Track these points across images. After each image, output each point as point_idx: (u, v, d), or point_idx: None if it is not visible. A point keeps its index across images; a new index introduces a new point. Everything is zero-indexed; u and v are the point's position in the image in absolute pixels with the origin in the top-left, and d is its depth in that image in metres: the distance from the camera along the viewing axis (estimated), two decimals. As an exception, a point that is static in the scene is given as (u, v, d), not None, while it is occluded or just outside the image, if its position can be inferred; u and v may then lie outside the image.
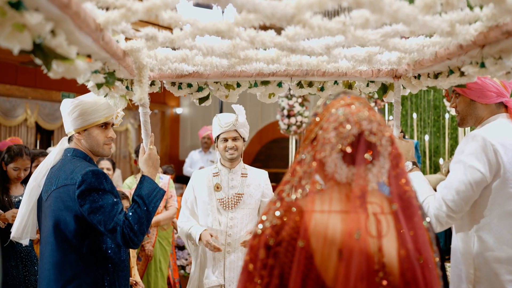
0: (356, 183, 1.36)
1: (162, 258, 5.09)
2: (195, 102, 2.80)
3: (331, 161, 1.39)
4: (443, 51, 2.09)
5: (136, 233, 2.34)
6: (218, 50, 1.98)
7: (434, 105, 8.33)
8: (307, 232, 1.34)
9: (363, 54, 2.21)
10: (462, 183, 2.23)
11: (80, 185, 2.31)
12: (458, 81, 2.20)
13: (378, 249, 1.33)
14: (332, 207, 1.38)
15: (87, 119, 2.53)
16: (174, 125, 14.40)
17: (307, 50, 1.93)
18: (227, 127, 3.36)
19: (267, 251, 1.37)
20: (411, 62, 2.39)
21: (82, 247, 2.35)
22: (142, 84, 2.11)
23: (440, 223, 2.30)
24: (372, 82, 2.77)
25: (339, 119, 1.39)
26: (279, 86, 2.74)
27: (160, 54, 2.27)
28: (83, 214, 2.31)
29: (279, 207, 1.40)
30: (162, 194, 2.50)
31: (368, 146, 1.37)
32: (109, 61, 2.04)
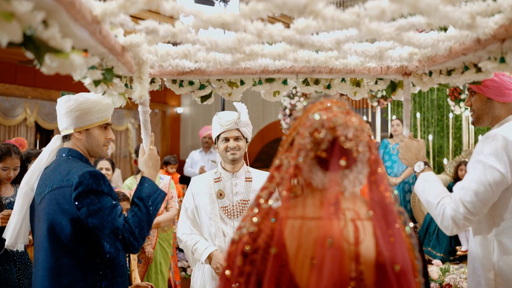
0: (331, 189, 1.34)
1: (162, 260, 4.99)
2: (197, 100, 2.70)
3: (307, 167, 1.38)
4: (458, 46, 1.99)
5: (137, 238, 2.23)
6: (223, 44, 1.87)
7: (438, 104, 8.25)
8: (282, 239, 1.33)
9: (374, 49, 2.10)
10: (481, 184, 2.13)
11: (77, 187, 2.20)
12: (474, 77, 2.10)
13: (355, 256, 1.31)
14: (306, 214, 1.37)
15: (91, 118, 2.42)
16: (174, 124, 14.33)
17: (317, 44, 1.82)
18: (228, 126, 3.07)
19: (244, 259, 1.35)
20: (423, 58, 2.29)
21: (78, 252, 2.24)
22: (142, 81, 2.00)
23: (456, 225, 2.19)
24: (381, 80, 2.67)
25: (314, 125, 1.38)
26: (284, 84, 2.64)
27: (161, 49, 2.16)
28: (80, 218, 2.20)
29: (256, 214, 1.39)
30: (163, 196, 2.40)
31: (343, 152, 1.35)
32: (107, 57, 1.94)
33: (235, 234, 1.41)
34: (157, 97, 13.54)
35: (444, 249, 6.35)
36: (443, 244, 6.40)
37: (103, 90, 2.19)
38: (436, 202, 2.28)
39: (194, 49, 2.15)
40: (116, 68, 2.09)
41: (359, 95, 2.69)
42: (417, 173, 2.49)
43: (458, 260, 6.34)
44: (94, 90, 2.17)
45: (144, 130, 2.50)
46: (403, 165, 7.22)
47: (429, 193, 2.33)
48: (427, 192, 2.35)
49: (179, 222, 3.20)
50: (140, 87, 1.99)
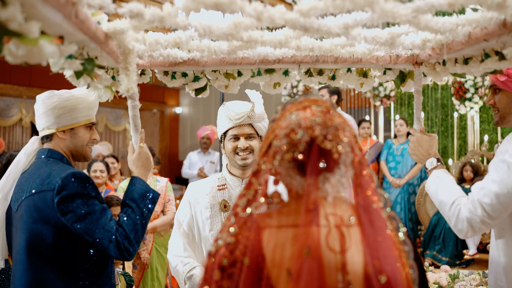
0: (310, 194, 1.24)
1: (159, 266, 4.79)
2: (191, 93, 2.49)
3: (284, 170, 1.29)
4: (479, 31, 1.78)
5: (132, 242, 2.04)
6: (217, 30, 1.67)
7: (442, 103, 8.07)
8: (260, 250, 1.24)
9: (385, 35, 1.90)
10: (504, 186, 1.93)
11: (60, 190, 2.00)
12: (495, 66, 1.90)
13: (341, 265, 1.22)
14: (284, 222, 1.27)
15: (76, 116, 2.23)
16: (173, 125, 14.21)
17: (323, 29, 1.62)
18: (238, 120, 2.46)
19: (222, 272, 1.25)
20: (437, 45, 2.08)
21: (61, 264, 2.03)
22: (129, 72, 1.80)
23: (472, 228, 2.00)
24: (389, 70, 2.46)
25: (290, 125, 1.29)
26: (286, 75, 2.43)
27: (150, 37, 1.95)
28: (65, 224, 1.99)
29: (234, 224, 1.29)
30: (156, 197, 2.20)
31: (322, 154, 1.25)
32: (88, 45, 1.74)
33: (212, 246, 1.30)
34: (156, 97, 13.42)
35: (450, 253, 6.18)
36: (449, 248, 6.23)
37: (87, 83, 2.00)
38: (450, 202, 2.09)
39: (186, 36, 1.95)
40: (100, 58, 1.89)
41: (366, 86, 2.49)
42: (428, 170, 2.30)
43: (464, 264, 6.16)
44: (76, 83, 1.98)
45: (133, 127, 2.31)
46: (407, 166, 7.06)
47: (442, 192, 2.14)
48: (441, 191, 2.15)
49: (171, 240, 2.60)
50: (126, 79, 1.79)
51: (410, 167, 7.06)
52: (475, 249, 6.10)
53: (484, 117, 7.65)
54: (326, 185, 1.27)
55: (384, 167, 7.28)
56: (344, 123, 1.32)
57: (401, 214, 7.06)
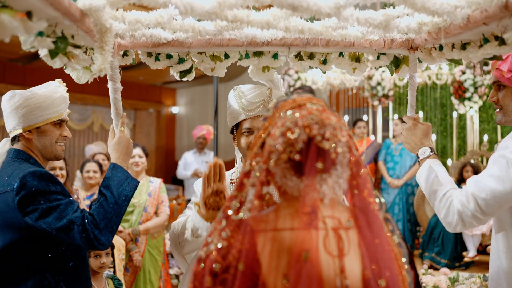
0: (307, 196, 1.19)
1: (152, 269, 4.66)
2: (175, 76, 2.38)
3: (279, 171, 1.24)
4: (478, 14, 1.68)
5: (102, 231, 1.95)
6: (199, 8, 1.56)
7: (441, 103, 7.98)
8: (255, 255, 1.18)
9: (379, 17, 1.79)
10: (501, 181, 1.84)
11: (19, 190, 1.93)
12: (495, 51, 1.80)
13: (340, 270, 1.17)
14: (280, 225, 1.20)
15: (41, 114, 2.14)
16: (170, 124, 14.13)
17: (313, 8, 1.52)
18: (253, 112, 2.14)
19: (214, 279, 1.18)
20: (433, 29, 1.98)
21: (28, 266, 1.98)
22: (104, 51, 1.68)
23: (462, 222, 1.92)
24: (383, 55, 2.36)
25: (286, 124, 1.23)
26: (275, 58, 2.31)
27: (129, 16, 1.84)
28: (29, 224, 1.92)
29: (225, 227, 1.22)
30: (134, 185, 2.11)
31: (320, 154, 1.21)
32: (61, 23, 1.62)
33: (201, 251, 1.23)
34: (152, 97, 13.33)
35: (449, 256, 6.11)
36: (448, 250, 6.15)
37: (63, 63, 1.88)
38: (441, 193, 2.01)
39: (169, 15, 1.83)
40: (76, 37, 1.78)
41: (358, 72, 2.38)
42: (420, 159, 2.21)
43: (464, 266, 6.10)
44: (51, 63, 1.85)
45: (114, 110, 2.21)
46: (405, 166, 6.99)
47: (434, 182, 2.05)
48: (432, 181, 2.07)
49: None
50: (101, 58, 1.67)
51: (409, 168, 7.00)
52: (475, 251, 6.03)
53: (483, 116, 7.55)
54: (323, 186, 1.22)
55: (382, 168, 7.20)
56: (340, 122, 1.27)
57: (399, 215, 7.01)
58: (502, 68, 1.97)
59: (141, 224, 4.58)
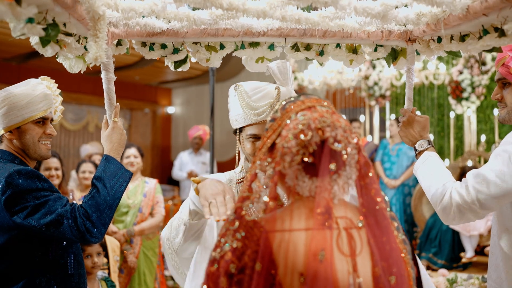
0: (320, 196, 1.23)
1: (147, 270, 4.63)
2: (170, 66, 2.34)
3: (292, 173, 1.26)
4: (478, 5, 1.66)
5: (95, 223, 1.92)
6: (194, -5, 1.53)
7: (438, 103, 7.96)
8: (271, 255, 1.20)
9: (378, 7, 1.76)
10: (501, 176, 1.81)
11: (4, 190, 1.89)
12: (494, 43, 1.77)
13: (353, 268, 1.21)
14: (294, 225, 1.24)
15: (20, 114, 2.08)
16: (165, 124, 14.08)
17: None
18: (259, 116, 1.98)
19: (229, 279, 1.20)
20: (432, 21, 1.95)
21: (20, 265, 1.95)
22: (98, 39, 1.65)
23: (459, 214, 1.90)
24: (381, 47, 2.33)
25: (299, 126, 1.26)
26: (271, 49, 2.28)
27: (122, 3, 1.80)
28: (18, 223, 1.89)
29: (239, 228, 1.24)
30: (127, 176, 2.08)
31: (332, 156, 1.24)
32: (52, 9, 1.58)
33: (214, 252, 1.24)
34: (148, 97, 13.30)
35: (446, 256, 6.07)
36: (445, 250, 6.11)
37: (55, 52, 1.84)
38: (439, 184, 1.98)
39: (163, 3, 1.80)
40: (68, 25, 1.74)
41: (355, 63, 2.35)
42: (418, 152, 2.19)
43: (461, 267, 6.06)
44: (43, 51, 1.82)
45: (107, 100, 2.18)
46: (402, 166, 6.96)
47: (432, 173, 2.03)
48: (429, 172, 2.05)
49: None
50: (95, 46, 1.64)
51: (406, 168, 6.97)
52: (472, 252, 5.99)
53: (481, 117, 7.53)
54: (334, 187, 1.25)
55: (379, 168, 7.18)
56: (349, 124, 1.30)
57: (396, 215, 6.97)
58: (510, 64, 1.95)
59: (136, 225, 4.55)
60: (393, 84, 8.24)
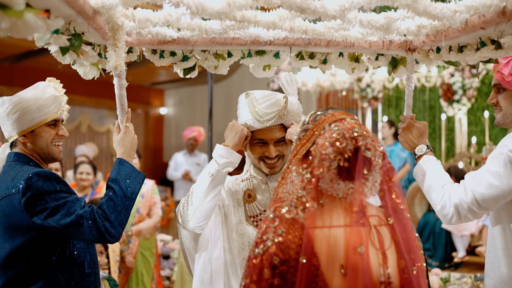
0: (355, 197, 1.39)
1: (144, 270, 4.68)
2: (179, 73, 2.43)
3: (328, 176, 1.40)
4: (476, 19, 1.76)
5: (113, 223, 1.99)
6: (210, 9, 1.62)
7: (430, 105, 8.07)
8: (312, 249, 1.34)
9: (381, 20, 1.86)
10: (498, 177, 1.93)
11: (25, 192, 1.95)
12: (491, 55, 1.88)
13: (383, 260, 1.38)
14: (333, 222, 1.39)
15: (33, 118, 2.13)
16: (158, 125, 14.11)
17: (319, 11, 1.58)
18: (268, 122, 2.11)
19: (273, 271, 1.34)
20: (432, 32, 2.06)
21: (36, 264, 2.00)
22: (118, 49, 1.74)
23: (458, 215, 2.00)
24: (382, 55, 2.43)
25: (334, 135, 1.41)
26: (276, 57, 2.38)
27: (139, 14, 1.88)
28: (37, 224, 1.95)
29: (279, 225, 1.39)
30: (141, 178, 2.16)
31: (364, 162, 1.39)
32: (75, 20, 1.67)
33: (257, 249, 1.38)
34: (140, 97, 13.33)
35: (440, 258, 6.14)
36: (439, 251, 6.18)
37: (72, 59, 1.93)
38: (438, 186, 2.09)
39: (178, 14, 1.88)
40: (87, 34, 1.82)
41: (357, 72, 2.46)
42: (417, 156, 2.29)
43: (453, 267, 6.15)
44: (61, 59, 1.90)
45: (119, 106, 2.24)
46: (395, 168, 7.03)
47: (431, 176, 2.14)
48: (429, 175, 2.16)
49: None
50: (115, 55, 1.73)
51: (398, 169, 7.05)
52: (464, 252, 6.09)
53: (471, 119, 7.66)
54: (365, 189, 1.41)
55: None
56: (374, 135, 1.47)
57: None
58: (504, 71, 2.05)
59: (134, 225, 4.60)
60: (386, 87, 8.35)
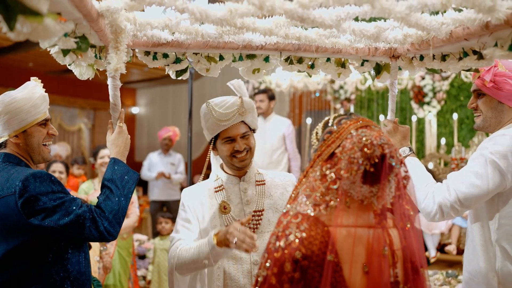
0: (380, 201, 1.46)
1: (121, 270, 4.69)
2: (171, 74, 2.48)
3: (354, 179, 1.44)
4: (461, 31, 1.88)
5: (112, 223, 2.03)
6: (213, 15, 1.68)
7: (401, 107, 8.23)
8: (335, 246, 1.38)
9: (372, 29, 1.96)
10: (479, 178, 2.06)
11: (22, 193, 1.94)
12: (473, 64, 2.01)
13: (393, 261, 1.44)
14: (358, 222, 1.44)
15: (25, 118, 2.12)
16: (130, 125, 13.73)
17: (318, 20, 1.66)
18: (229, 121, 2.29)
19: (294, 265, 1.37)
20: (417, 41, 2.17)
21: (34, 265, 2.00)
22: (119, 51, 1.79)
23: (441, 212, 2.13)
24: (367, 61, 2.54)
25: (363, 141, 1.45)
26: (266, 61, 2.46)
27: (140, 18, 1.93)
28: (34, 225, 1.94)
29: (302, 221, 1.43)
30: (136, 178, 2.20)
31: (390, 169, 1.45)
32: (80, 23, 1.71)
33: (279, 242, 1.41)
34: None
35: None
36: None
37: (72, 60, 1.97)
38: (423, 185, 2.22)
39: (178, 18, 1.94)
40: (88, 36, 1.86)
41: (343, 76, 2.56)
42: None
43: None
44: (61, 60, 1.95)
45: (113, 106, 2.26)
46: None
47: (415, 176, 2.27)
48: (413, 175, 2.27)
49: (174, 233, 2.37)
50: (116, 58, 1.78)
51: None
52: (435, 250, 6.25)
53: (441, 121, 7.85)
54: (384, 194, 1.46)
55: None
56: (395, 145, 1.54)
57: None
58: (486, 78, 2.18)
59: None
60: (358, 88, 8.51)
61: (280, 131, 6.08)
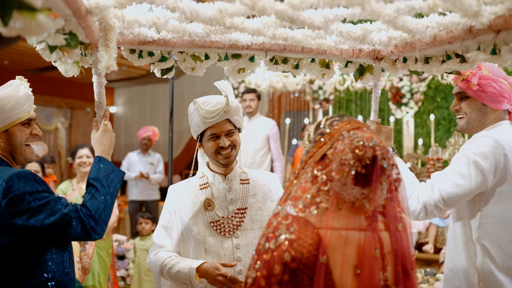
0: (371, 203, 1.44)
1: (101, 271, 4.65)
2: (156, 73, 2.48)
3: (345, 181, 1.44)
4: (444, 34, 1.92)
5: (98, 221, 2.01)
6: (203, 14, 1.69)
7: (379, 107, 8.30)
8: (327, 248, 1.37)
9: (359, 31, 2.00)
10: (462, 177, 2.12)
11: (6, 193, 1.90)
12: (456, 67, 2.05)
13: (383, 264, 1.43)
14: (349, 225, 1.43)
15: (8, 117, 2.08)
16: None
17: (307, 21, 1.69)
18: (214, 119, 2.35)
19: (283, 267, 1.36)
20: (401, 43, 2.21)
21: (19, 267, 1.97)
22: (109, 49, 1.78)
23: (425, 211, 2.18)
24: (351, 63, 2.58)
25: (354, 142, 1.45)
26: (251, 61, 2.47)
27: (129, 15, 1.93)
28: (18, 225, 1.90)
29: (292, 222, 1.42)
30: (121, 176, 2.19)
31: (382, 171, 1.44)
32: (69, 20, 1.70)
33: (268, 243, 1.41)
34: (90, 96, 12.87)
35: None
36: None
37: (58, 57, 1.95)
38: (407, 184, 2.27)
39: (166, 17, 1.95)
40: (76, 33, 1.85)
41: (327, 77, 2.59)
42: None
43: None
44: (48, 56, 1.93)
45: (98, 104, 2.25)
46: None
47: None
48: None
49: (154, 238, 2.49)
50: (107, 56, 1.77)
51: None
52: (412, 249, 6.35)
53: (418, 121, 7.96)
54: (376, 196, 1.45)
55: None
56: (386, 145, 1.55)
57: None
58: (473, 81, 2.23)
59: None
60: (337, 89, 8.59)
61: (264, 131, 6.09)
